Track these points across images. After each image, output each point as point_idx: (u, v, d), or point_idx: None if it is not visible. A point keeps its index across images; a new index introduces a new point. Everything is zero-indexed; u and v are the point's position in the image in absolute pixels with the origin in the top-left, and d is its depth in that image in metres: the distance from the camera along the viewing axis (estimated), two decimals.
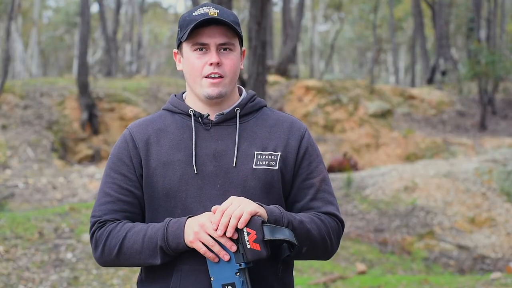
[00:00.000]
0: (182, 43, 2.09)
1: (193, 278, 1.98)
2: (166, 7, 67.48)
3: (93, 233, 2.06)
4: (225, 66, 2.05)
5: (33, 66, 33.19)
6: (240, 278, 1.88)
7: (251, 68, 9.52)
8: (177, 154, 2.05)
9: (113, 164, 2.11)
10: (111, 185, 2.08)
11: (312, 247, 2.01)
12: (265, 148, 2.07)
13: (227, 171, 2.03)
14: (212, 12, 2.03)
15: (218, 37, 2.03)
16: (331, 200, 2.11)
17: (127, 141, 2.12)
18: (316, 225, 2.02)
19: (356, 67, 49.31)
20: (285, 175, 2.08)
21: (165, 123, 2.13)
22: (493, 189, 10.92)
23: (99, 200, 2.10)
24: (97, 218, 2.07)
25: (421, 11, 28.06)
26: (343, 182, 11.65)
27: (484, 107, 19.59)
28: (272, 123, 2.13)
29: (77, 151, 16.68)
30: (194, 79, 2.06)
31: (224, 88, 2.05)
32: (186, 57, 2.08)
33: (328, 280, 6.89)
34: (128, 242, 1.99)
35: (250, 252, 1.86)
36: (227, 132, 2.08)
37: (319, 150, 2.17)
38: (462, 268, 8.95)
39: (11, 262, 6.83)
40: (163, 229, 1.96)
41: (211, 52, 2.04)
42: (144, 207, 2.10)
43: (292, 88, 19.94)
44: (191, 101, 2.14)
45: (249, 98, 2.16)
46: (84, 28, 17.64)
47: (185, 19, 2.07)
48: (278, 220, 1.94)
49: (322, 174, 2.12)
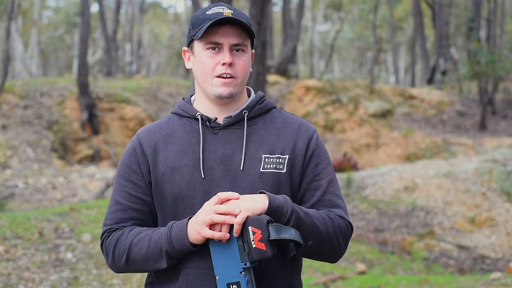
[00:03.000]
0: (193, 41, 2.07)
1: (199, 280, 1.98)
2: (166, 7, 67.52)
3: (102, 242, 2.08)
4: (237, 67, 2.04)
5: (33, 66, 33.19)
6: (245, 277, 1.88)
7: (251, 68, 9.52)
8: (185, 159, 2.05)
9: (122, 171, 2.11)
10: (121, 193, 2.09)
11: (318, 241, 1.98)
12: (272, 151, 2.06)
13: (235, 175, 2.02)
14: (227, 12, 2.02)
15: (232, 37, 2.02)
16: (337, 202, 2.08)
17: (135, 148, 2.11)
18: (324, 221, 1.99)
19: (356, 67, 49.30)
20: (293, 178, 2.06)
21: (173, 128, 2.12)
22: (493, 189, 10.92)
23: (110, 208, 2.11)
24: (108, 227, 2.08)
25: (421, 11, 28.07)
26: (343, 182, 11.65)
27: (484, 107, 19.59)
28: (280, 125, 2.11)
29: (77, 151, 16.69)
30: (205, 78, 2.05)
31: (235, 88, 2.04)
32: (197, 55, 2.07)
33: (328, 280, 6.89)
34: (135, 248, 2.00)
35: (256, 251, 1.85)
36: (234, 135, 2.07)
37: (327, 152, 2.15)
38: (462, 268, 8.95)
39: (11, 262, 6.83)
40: (167, 233, 1.96)
41: (224, 52, 2.02)
42: (155, 213, 2.10)
43: (292, 88, 19.94)
44: (199, 102, 2.13)
45: (258, 100, 2.14)
46: (84, 28, 17.64)
47: (199, 17, 2.05)
48: (281, 207, 1.92)
49: (330, 176, 2.09)
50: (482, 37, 25.62)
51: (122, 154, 2.17)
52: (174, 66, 41.17)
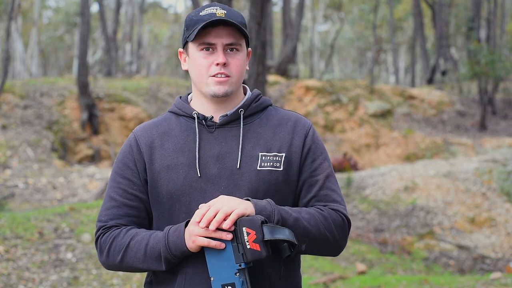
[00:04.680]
0: (188, 42, 2.09)
1: (197, 281, 1.99)
2: (166, 7, 67.50)
3: (97, 238, 2.08)
4: (232, 66, 2.04)
5: (33, 66, 33.19)
6: (240, 278, 1.88)
7: (251, 68, 9.52)
8: (181, 158, 2.05)
9: (118, 168, 2.11)
10: (116, 190, 2.09)
11: (311, 243, 1.99)
12: (269, 149, 2.06)
13: (231, 173, 2.02)
14: (220, 13, 2.02)
15: (225, 37, 2.03)
16: (334, 197, 2.08)
17: (131, 145, 2.12)
18: (316, 222, 1.99)
19: (356, 67, 49.30)
20: (291, 176, 2.06)
21: (169, 126, 2.12)
22: (493, 189, 10.92)
23: (105, 204, 2.11)
24: (102, 223, 2.08)
25: (421, 11, 28.06)
26: (343, 182, 11.65)
27: (484, 107, 19.59)
28: (276, 123, 2.12)
29: (77, 151, 16.69)
30: (200, 79, 2.06)
31: (230, 87, 2.05)
32: (192, 56, 2.08)
33: (328, 280, 6.89)
34: (131, 251, 2.01)
35: (250, 252, 1.85)
36: (231, 134, 2.07)
37: (324, 147, 2.15)
38: (462, 268, 8.95)
39: (11, 262, 6.83)
40: (164, 240, 1.96)
41: (217, 52, 2.03)
42: (150, 211, 2.10)
43: (292, 88, 19.94)
44: (196, 101, 2.13)
45: (253, 98, 2.15)
46: (84, 28, 17.65)
47: (192, 18, 2.07)
48: (269, 217, 1.92)
49: (326, 171, 2.09)
50: (482, 37, 25.62)
51: (118, 151, 2.17)
52: (174, 66, 41.17)
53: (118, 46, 31.32)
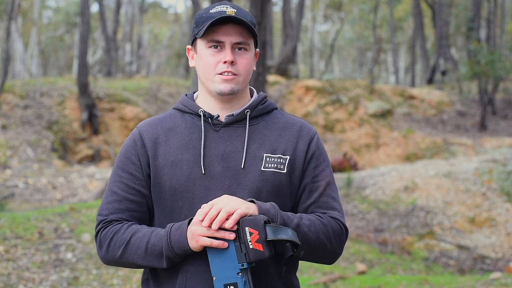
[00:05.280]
0: (197, 39, 2.08)
1: (198, 278, 1.98)
2: (166, 7, 67.50)
3: (97, 232, 2.07)
4: (239, 65, 2.04)
5: (33, 66, 33.19)
6: (242, 278, 1.87)
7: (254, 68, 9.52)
8: (185, 154, 2.05)
9: (121, 162, 2.11)
10: (118, 184, 2.08)
11: (310, 250, 2.00)
12: (274, 151, 2.06)
13: (235, 172, 2.02)
14: (230, 11, 2.02)
15: (234, 36, 2.03)
16: (334, 205, 2.09)
17: (135, 140, 2.11)
18: (316, 229, 2.00)
19: (356, 67, 49.30)
20: (294, 179, 2.07)
21: (174, 123, 2.12)
22: (493, 189, 10.92)
23: (106, 198, 2.10)
24: (103, 217, 2.07)
25: (421, 11, 28.06)
26: (343, 182, 11.65)
27: (484, 107, 19.59)
28: (281, 126, 2.12)
29: (77, 151, 16.69)
30: (207, 76, 2.06)
31: (236, 85, 2.05)
32: (200, 53, 2.07)
33: (328, 280, 6.89)
34: (132, 247, 2.00)
35: (253, 252, 1.85)
36: (236, 133, 2.07)
37: (327, 154, 2.16)
38: (462, 268, 8.95)
39: (11, 262, 6.83)
40: (166, 238, 1.96)
41: (225, 50, 2.03)
42: (152, 206, 2.10)
43: (292, 88, 19.94)
44: (202, 99, 2.13)
45: (260, 100, 2.15)
46: (84, 28, 17.65)
47: (202, 16, 2.07)
48: (271, 220, 1.92)
49: (328, 178, 2.11)
50: (482, 37, 25.62)
51: (121, 146, 2.16)
52: (174, 66, 41.16)
53: (118, 46, 31.32)
